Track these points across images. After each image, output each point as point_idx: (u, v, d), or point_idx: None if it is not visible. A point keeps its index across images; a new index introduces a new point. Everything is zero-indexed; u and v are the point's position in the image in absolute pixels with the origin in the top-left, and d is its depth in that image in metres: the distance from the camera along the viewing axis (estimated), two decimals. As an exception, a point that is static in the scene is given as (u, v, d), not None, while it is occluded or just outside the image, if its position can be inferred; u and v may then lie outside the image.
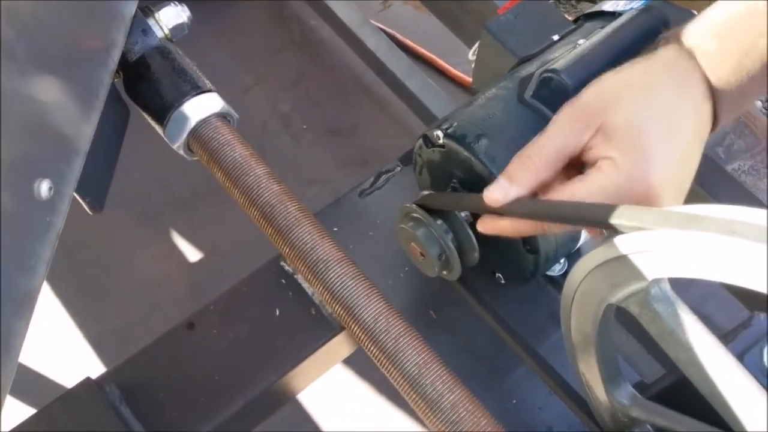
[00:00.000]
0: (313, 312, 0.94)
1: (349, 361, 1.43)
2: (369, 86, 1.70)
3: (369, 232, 0.95)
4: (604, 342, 0.59)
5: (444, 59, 1.76)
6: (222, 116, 0.67)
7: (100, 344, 1.45)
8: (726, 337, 0.60)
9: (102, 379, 0.89)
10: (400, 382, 0.55)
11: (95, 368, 1.42)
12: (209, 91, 0.67)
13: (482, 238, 0.77)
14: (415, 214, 0.76)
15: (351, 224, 0.95)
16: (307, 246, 0.59)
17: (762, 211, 0.40)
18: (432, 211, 0.76)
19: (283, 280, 0.96)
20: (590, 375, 0.65)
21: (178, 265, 1.52)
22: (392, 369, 0.56)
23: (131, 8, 0.58)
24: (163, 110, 0.65)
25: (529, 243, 0.73)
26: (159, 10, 0.69)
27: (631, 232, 0.47)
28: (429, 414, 0.54)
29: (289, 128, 1.66)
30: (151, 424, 0.87)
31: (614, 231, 0.50)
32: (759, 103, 1.71)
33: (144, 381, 0.90)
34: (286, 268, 0.96)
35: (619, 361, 0.72)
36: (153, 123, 0.69)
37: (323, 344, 0.93)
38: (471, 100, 0.79)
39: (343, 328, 0.93)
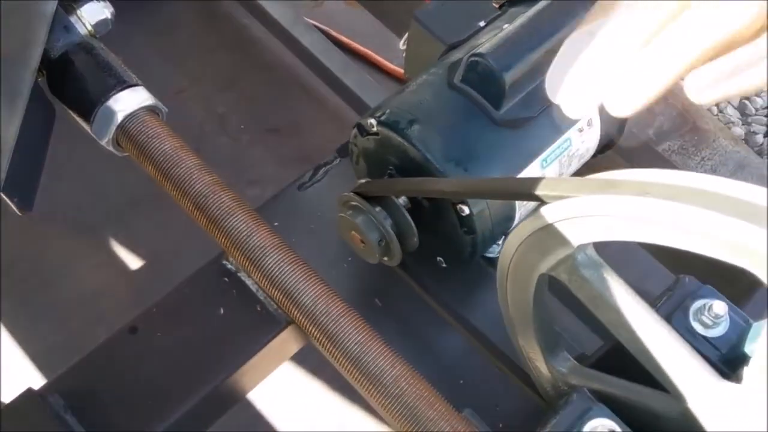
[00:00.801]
0: (259, 308, 0.94)
1: (300, 360, 1.43)
2: (306, 84, 1.70)
3: (310, 225, 0.96)
4: (541, 312, 0.61)
5: (379, 54, 1.77)
6: (150, 110, 0.67)
7: (44, 359, 1.41)
8: (654, 301, 0.62)
9: (44, 389, 0.88)
10: (342, 362, 0.56)
11: (41, 384, 1.39)
12: (135, 85, 0.66)
13: (421, 223, 0.79)
14: (353, 203, 0.77)
15: (292, 218, 0.95)
16: (243, 234, 0.59)
17: (673, 172, 0.42)
18: (370, 199, 0.77)
19: (226, 279, 0.95)
20: (530, 347, 0.66)
21: (120, 274, 1.50)
22: (334, 349, 0.56)
23: (51, 6, 0.57)
24: (89, 106, 0.64)
25: (465, 224, 0.75)
26: (81, 6, 0.68)
27: (554, 202, 0.49)
28: (372, 390, 0.54)
29: (226, 129, 1.65)
30: (97, 430, 0.85)
31: (541, 202, 0.51)
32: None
33: (88, 388, 0.88)
34: (229, 266, 0.96)
35: (563, 339, 0.74)
36: (80, 120, 0.68)
37: (270, 340, 0.92)
38: (402, 88, 0.80)
39: (289, 323, 0.93)
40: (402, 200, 0.77)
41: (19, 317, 1.44)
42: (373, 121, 0.76)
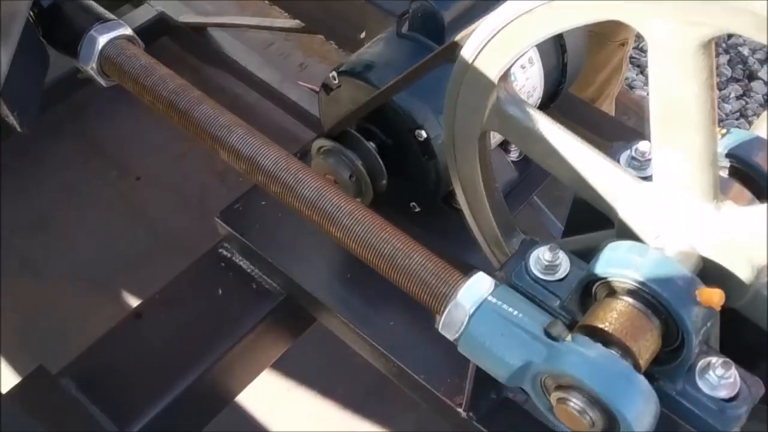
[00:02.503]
0: (254, 286, 1.00)
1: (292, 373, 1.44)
2: (295, 134, 1.80)
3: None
4: (490, 179, 0.67)
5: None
6: (127, 38, 0.76)
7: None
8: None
9: (58, 374, 0.92)
10: (303, 208, 0.61)
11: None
12: (114, 20, 0.76)
13: (390, 166, 0.86)
14: (326, 146, 0.84)
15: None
16: (210, 118, 0.66)
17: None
18: (343, 144, 0.84)
19: (223, 264, 1.02)
20: (489, 234, 0.72)
21: (134, 323, 1.55)
22: (294, 200, 0.62)
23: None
24: (76, 39, 0.73)
25: (425, 150, 0.81)
26: None
27: (465, 43, 0.56)
28: (329, 224, 0.59)
29: (226, 182, 1.75)
30: (107, 407, 0.89)
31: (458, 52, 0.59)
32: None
33: (98, 371, 0.93)
34: (224, 252, 1.03)
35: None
36: (70, 57, 0.76)
37: (267, 314, 0.98)
38: (360, 49, 0.89)
39: (284, 296, 0.99)
40: (372, 145, 0.85)
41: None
42: (333, 74, 0.85)
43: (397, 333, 0.88)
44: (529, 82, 0.89)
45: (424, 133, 0.80)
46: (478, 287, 0.52)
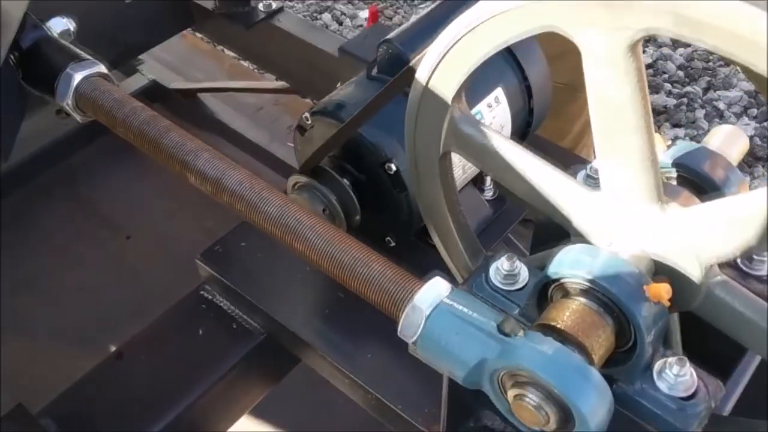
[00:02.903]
0: (234, 326, 1.01)
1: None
2: (283, 188, 1.84)
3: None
4: (454, 202, 0.69)
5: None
6: (101, 75, 0.79)
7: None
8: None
9: (38, 414, 0.92)
10: (266, 225, 0.63)
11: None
12: (89, 59, 0.79)
13: (364, 201, 0.88)
14: (301, 182, 0.87)
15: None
16: (178, 144, 0.69)
17: None
18: (318, 180, 0.87)
19: (204, 305, 1.03)
20: (455, 257, 0.74)
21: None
22: (258, 217, 0.63)
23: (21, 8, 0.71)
24: (53, 78, 0.77)
25: (396, 183, 0.84)
26: (48, 21, 0.83)
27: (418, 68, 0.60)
28: (292, 239, 0.61)
29: (215, 239, 1.76)
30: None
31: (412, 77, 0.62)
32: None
33: (77, 410, 0.93)
34: (206, 295, 1.04)
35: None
36: (47, 97, 0.80)
37: (247, 351, 0.98)
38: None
39: (264, 335, 0.99)
40: (345, 181, 0.88)
41: None
42: (307, 115, 0.89)
43: (375, 365, 0.89)
44: (497, 120, 0.93)
45: (393, 166, 0.83)
46: (434, 290, 0.54)
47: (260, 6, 1.51)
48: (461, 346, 0.51)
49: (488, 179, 1.01)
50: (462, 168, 0.90)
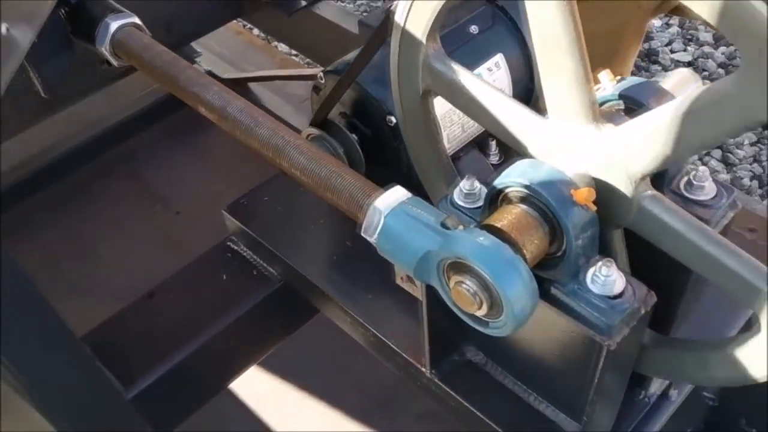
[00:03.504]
0: (255, 273, 1.11)
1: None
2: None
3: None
4: (434, 133, 0.77)
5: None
6: (135, 26, 0.91)
7: None
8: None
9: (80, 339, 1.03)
10: (259, 147, 0.72)
11: None
12: (124, 11, 0.91)
13: (368, 154, 0.97)
14: (313, 134, 0.96)
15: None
16: (191, 79, 0.79)
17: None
18: (331, 134, 0.96)
19: (229, 254, 1.13)
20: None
21: None
22: (252, 140, 0.72)
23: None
24: (93, 26, 0.89)
25: (396, 134, 0.92)
26: None
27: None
28: (280, 158, 0.70)
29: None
30: (115, 369, 0.99)
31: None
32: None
33: (110, 338, 1.04)
34: (231, 245, 1.14)
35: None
36: (89, 45, 0.92)
37: (265, 295, 1.08)
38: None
39: (281, 281, 1.08)
40: (353, 136, 0.96)
41: None
42: (320, 74, 0.98)
43: (374, 307, 0.97)
44: (497, 83, 1.00)
45: (393, 119, 0.91)
46: (393, 196, 0.62)
47: (303, -4, 1.62)
48: (411, 240, 0.59)
49: (493, 144, 1.08)
50: (461, 127, 0.97)
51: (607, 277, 0.60)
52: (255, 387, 1.52)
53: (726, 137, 0.55)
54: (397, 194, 0.62)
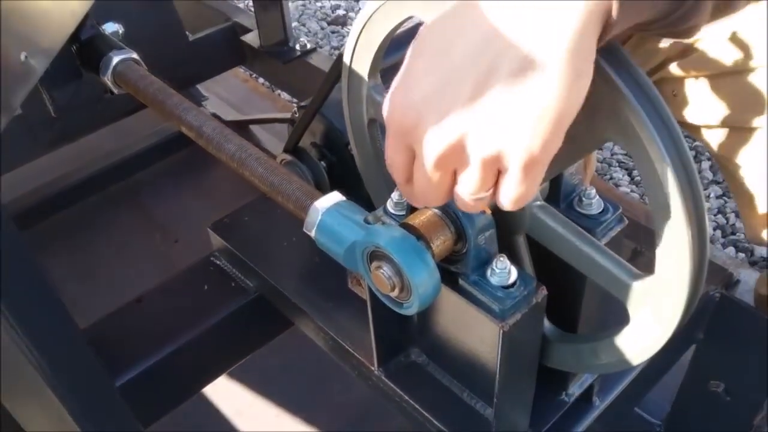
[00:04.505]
0: (233, 285, 1.24)
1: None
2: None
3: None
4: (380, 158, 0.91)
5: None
6: (135, 60, 1.06)
7: None
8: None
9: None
10: (224, 158, 0.85)
11: None
12: (125, 48, 1.07)
13: (333, 180, 1.11)
14: (286, 159, 1.11)
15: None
16: (176, 104, 0.93)
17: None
18: (302, 161, 1.10)
19: (212, 267, 1.27)
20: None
21: None
22: (220, 153, 0.86)
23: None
24: (99, 59, 1.04)
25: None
26: (103, 24, 1.12)
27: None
28: (242, 169, 0.83)
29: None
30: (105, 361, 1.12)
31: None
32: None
33: (101, 335, 1.17)
34: (215, 260, 1.28)
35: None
36: (94, 75, 1.08)
37: (242, 304, 1.21)
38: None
39: (257, 293, 1.21)
40: (322, 163, 1.11)
41: None
42: (295, 108, 1.13)
43: (334, 314, 1.09)
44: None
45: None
46: (330, 199, 0.75)
47: (297, 46, 1.79)
48: (341, 233, 0.72)
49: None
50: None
51: (502, 270, 0.72)
52: (233, 402, 1.64)
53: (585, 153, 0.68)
54: (333, 198, 0.75)
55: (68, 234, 2.03)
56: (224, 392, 1.64)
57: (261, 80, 2.67)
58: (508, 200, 0.58)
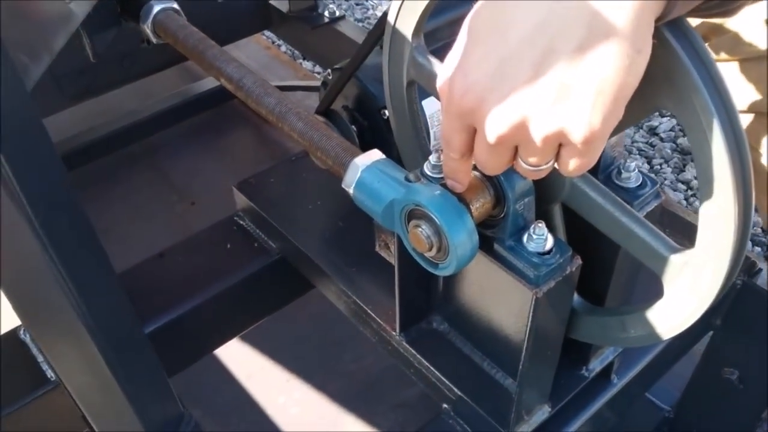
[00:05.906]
0: (256, 245, 1.24)
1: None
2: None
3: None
4: (418, 123, 0.90)
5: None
6: (174, 10, 1.06)
7: None
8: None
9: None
10: (265, 113, 0.85)
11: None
12: None
13: (364, 144, 1.10)
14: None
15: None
16: (215, 56, 0.93)
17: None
18: (335, 123, 1.10)
19: (236, 227, 1.27)
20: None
21: None
22: (259, 107, 0.86)
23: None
24: (139, 8, 1.04)
25: (390, 128, 1.06)
26: None
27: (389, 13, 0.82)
28: (282, 123, 0.83)
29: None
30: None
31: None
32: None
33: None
34: (239, 220, 1.28)
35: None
36: (134, 24, 1.07)
37: (265, 265, 1.21)
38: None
39: (278, 254, 1.21)
40: (353, 127, 1.10)
41: None
42: (329, 71, 1.12)
43: (357, 278, 1.09)
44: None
45: (387, 113, 1.04)
46: (370, 157, 0.75)
47: (326, 13, 1.78)
48: (380, 190, 0.72)
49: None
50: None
51: (539, 236, 0.72)
52: (245, 366, 1.65)
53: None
54: (373, 155, 0.75)
55: (84, 190, 2.03)
56: (236, 356, 1.65)
57: (283, 48, 2.66)
58: (569, 171, 0.59)
